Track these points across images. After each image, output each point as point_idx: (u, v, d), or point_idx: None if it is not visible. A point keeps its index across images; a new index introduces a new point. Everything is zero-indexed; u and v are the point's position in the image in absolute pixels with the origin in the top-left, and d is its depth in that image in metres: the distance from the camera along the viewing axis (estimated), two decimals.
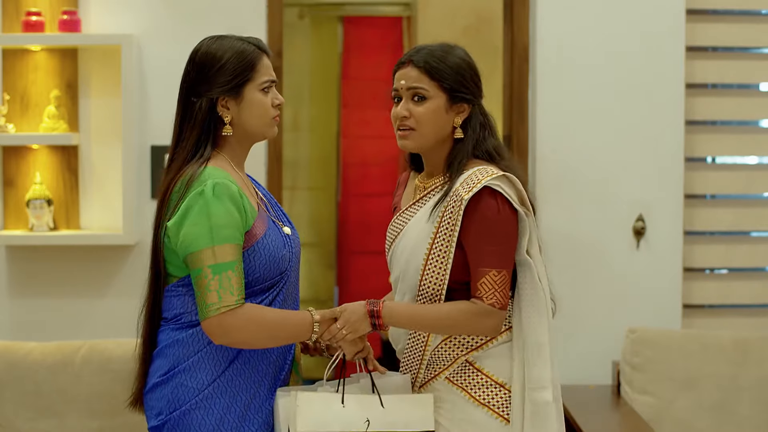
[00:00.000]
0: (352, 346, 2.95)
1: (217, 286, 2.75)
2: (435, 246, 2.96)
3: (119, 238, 4.65)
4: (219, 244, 2.76)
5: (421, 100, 2.99)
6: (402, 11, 7.47)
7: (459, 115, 3.02)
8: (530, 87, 4.86)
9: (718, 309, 4.97)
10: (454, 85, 2.99)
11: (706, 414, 4.57)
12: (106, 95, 4.74)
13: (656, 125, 4.80)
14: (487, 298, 2.92)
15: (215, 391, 2.87)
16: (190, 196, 2.80)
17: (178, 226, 2.80)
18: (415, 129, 3.00)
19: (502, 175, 2.93)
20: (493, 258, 2.92)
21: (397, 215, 3.14)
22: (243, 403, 2.89)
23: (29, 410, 4.45)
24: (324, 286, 7.58)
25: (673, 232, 4.83)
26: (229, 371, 2.88)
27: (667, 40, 4.79)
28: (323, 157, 7.65)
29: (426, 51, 3.02)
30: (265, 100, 2.94)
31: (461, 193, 2.91)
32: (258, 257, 2.86)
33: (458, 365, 3.01)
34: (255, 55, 2.93)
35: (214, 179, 2.80)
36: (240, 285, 2.78)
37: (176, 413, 2.87)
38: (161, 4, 4.74)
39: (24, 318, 4.80)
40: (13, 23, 4.71)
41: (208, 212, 2.77)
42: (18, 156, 4.75)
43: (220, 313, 2.76)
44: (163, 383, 2.90)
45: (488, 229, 2.91)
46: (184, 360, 2.88)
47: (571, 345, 4.81)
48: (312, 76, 7.54)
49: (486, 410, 2.98)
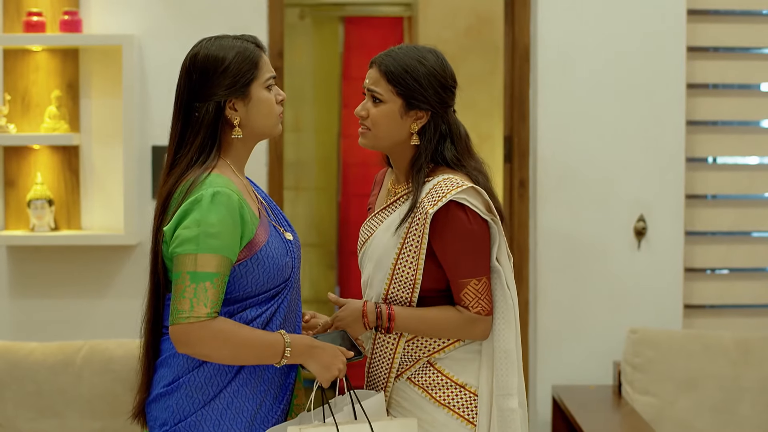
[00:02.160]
0: (327, 374, 2.87)
1: (191, 294, 2.70)
2: (401, 258, 2.99)
3: (120, 239, 4.65)
4: (203, 252, 2.71)
5: (377, 102, 3.01)
6: (403, 11, 7.46)
7: (416, 122, 3.02)
8: (531, 87, 4.86)
9: (719, 309, 4.97)
10: (411, 92, 2.98)
11: (707, 414, 4.57)
12: (107, 95, 4.75)
13: (657, 125, 4.80)
14: (473, 307, 2.97)
15: (222, 401, 2.83)
16: (188, 201, 2.75)
17: (171, 231, 2.77)
18: (370, 129, 3.03)
19: (468, 187, 2.95)
20: (471, 267, 2.96)
21: (370, 217, 3.17)
22: (250, 413, 2.85)
23: (30, 410, 4.45)
24: (325, 287, 7.57)
25: (674, 232, 4.83)
26: (236, 381, 2.84)
27: (668, 41, 4.79)
28: (324, 158, 7.64)
29: (393, 55, 3.01)
30: (271, 97, 2.91)
31: (426, 206, 2.94)
32: (261, 265, 2.82)
33: (420, 366, 3.04)
34: (256, 53, 2.89)
35: (215, 187, 2.75)
36: (216, 298, 2.72)
37: (182, 424, 2.83)
38: (162, 4, 4.74)
39: (25, 318, 4.80)
40: (14, 23, 4.71)
41: (201, 219, 2.72)
42: (19, 156, 4.75)
43: (189, 323, 2.70)
44: (167, 394, 2.85)
45: (462, 241, 2.94)
46: (188, 370, 2.83)
47: (572, 345, 4.81)
48: (313, 76, 7.53)
49: (447, 411, 3.01)
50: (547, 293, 4.80)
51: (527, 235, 4.86)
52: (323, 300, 7.39)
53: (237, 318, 2.81)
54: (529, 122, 4.86)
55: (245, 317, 2.83)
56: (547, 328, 4.80)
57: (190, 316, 2.70)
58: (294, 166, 7.42)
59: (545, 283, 4.80)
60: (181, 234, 2.73)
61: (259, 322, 2.84)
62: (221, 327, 2.73)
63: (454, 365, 3.03)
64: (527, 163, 4.86)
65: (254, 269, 2.81)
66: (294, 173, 7.44)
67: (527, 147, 4.86)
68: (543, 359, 4.82)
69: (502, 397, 2.99)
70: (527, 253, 4.84)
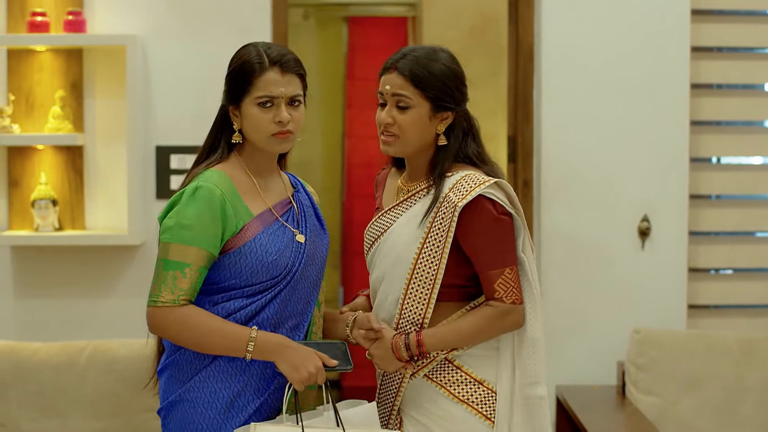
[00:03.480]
0: (296, 374, 2.84)
1: (161, 280, 2.83)
2: (425, 250, 2.98)
3: (124, 239, 4.66)
4: (176, 242, 2.83)
5: (404, 108, 2.99)
6: (407, 11, 7.47)
7: (442, 123, 3.03)
8: (535, 87, 4.86)
9: (723, 309, 4.96)
10: (438, 94, 2.98)
11: (710, 414, 4.57)
12: (111, 95, 4.75)
13: (661, 125, 4.80)
14: (507, 298, 2.98)
15: (197, 384, 2.91)
16: (177, 193, 2.89)
17: (160, 220, 2.91)
18: (398, 136, 3.01)
19: (494, 182, 2.97)
20: (502, 257, 2.98)
21: (379, 215, 3.16)
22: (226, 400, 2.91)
23: (33, 410, 4.45)
24: (329, 287, 7.57)
25: (678, 232, 4.83)
26: (213, 366, 2.91)
27: (672, 41, 4.79)
28: (328, 158, 7.65)
29: (411, 57, 3.00)
30: (261, 116, 2.89)
31: (453, 199, 2.94)
32: (243, 259, 2.88)
33: (438, 363, 3.03)
34: (256, 68, 2.88)
35: (200, 182, 2.86)
36: (187, 287, 2.83)
37: (169, 402, 2.95)
38: (166, 4, 4.74)
39: (29, 318, 4.80)
40: (18, 24, 4.72)
41: (180, 211, 2.84)
42: (23, 156, 4.76)
43: (156, 307, 2.84)
44: (161, 371, 3.00)
45: (492, 232, 2.96)
46: (175, 351, 2.95)
47: (576, 345, 4.81)
48: (317, 76, 7.53)
49: (466, 407, 3.01)
50: (551, 293, 4.80)
51: (531, 235, 4.82)
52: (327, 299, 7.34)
53: (220, 307, 2.90)
54: (533, 122, 4.86)
55: (228, 307, 2.90)
56: (551, 328, 4.79)
57: (157, 300, 2.83)
58: (298, 166, 7.41)
59: (549, 283, 4.80)
60: (164, 223, 2.88)
61: (243, 314, 2.90)
62: (186, 313, 2.84)
63: (472, 361, 3.03)
64: (531, 164, 4.86)
65: (236, 262, 2.88)
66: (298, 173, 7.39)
67: (531, 147, 4.86)
68: (547, 359, 4.80)
69: (530, 386, 3.01)
70: None
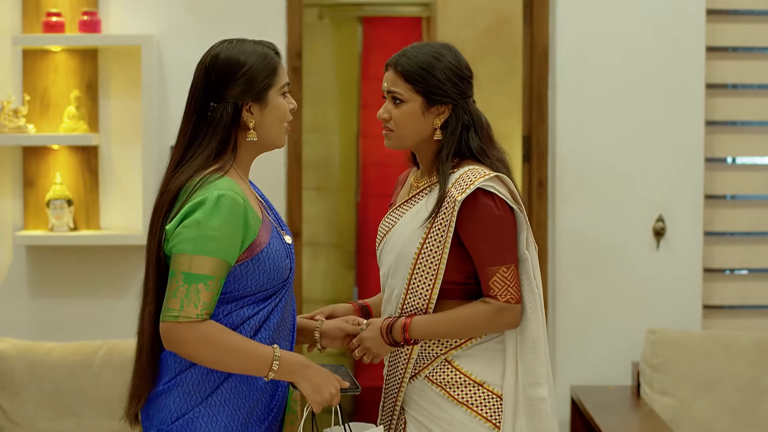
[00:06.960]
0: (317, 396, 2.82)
1: (183, 294, 2.71)
2: (426, 245, 2.98)
3: (139, 239, 4.65)
4: (198, 254, 2.72)
5: (398, 103, 3.02)
6: (421, 12, 7.47)
7: (439, 117, 3.03)
8: (550, 87, 4.85)
9: (738, 310, 4.95)
10: (430, 88, 3.00)
11: (726, 415, 4.55)
12: (126, 96, 4.76)
13: (676, 125, 4.79)
14: (502, 296, 2.95)
15: (219, 398, 2.83)
16: (193, 201, 2.77)
17: (173, 229, 2.78)
18: (394, 131, 3.04)
19: (494, 176, 2.96)
20: (500, 255, 2.95)
21: (390, 212, 3.18)
22: (246, 410, 2.85)
23: (49, 410, 4.47)
24: (343, 287, 7.58)
25: (693, 232, 4.82)
26: (233, 377, 2.83)
27: (688, 40, 4.78)
28: (343, 158, 7.65)
29: (406, 54, 3.04)
30: (285, 104, 2.93)
31: (454, 194, 2.94)
32: (262, 266, 2.83)
33: (437, 363, 3.03)
34: (275, 60, 2.92)
35: (221, 190, 2.76)
36: (209, 300, 2.73)
37: (178, 422, 2.83)
38: (181, 4, 4.75)
39: (44, 318, 4.82)
40: (33, 24, 4.73)
41: (202, 221, 2.73)
42: (38, 156, 4.77)
43: (177, 322, 2.71)
44: (165, 392, 2.86)
45: (490, 228, 2.95)
46: (186, 367, 2.84)
47: (591, 345, 4.80)
48: (331, 76, 7.54)
49: (466, 410, 3.00)
50: (565, 293, 4.79)
51: (546, 235, 4.85)
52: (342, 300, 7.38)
53: (233, 316, 2.82)
54: (547, 122, 4.85)
55: (241, 315, 2.83)
56: (566, 329, 4.79)
57: (179, 315, 2.71)
58: (313, 166, 7.42)
59: (564, 283, 4.79)
60: (180, 233, 2.75)
61: (256, 320, 2.84)
62: (209, 330, 2.73)
63: (472, 363, 3.02)
64: (546, 163, 4.85)
65: (255, 270, 2.82)
66: (313, 173, 7.45)
67: (546, 147, 4.86)
68: (561, 359, 4.82)
69: (531, 387, 2.99)
70: (546, 253, 4.83)
